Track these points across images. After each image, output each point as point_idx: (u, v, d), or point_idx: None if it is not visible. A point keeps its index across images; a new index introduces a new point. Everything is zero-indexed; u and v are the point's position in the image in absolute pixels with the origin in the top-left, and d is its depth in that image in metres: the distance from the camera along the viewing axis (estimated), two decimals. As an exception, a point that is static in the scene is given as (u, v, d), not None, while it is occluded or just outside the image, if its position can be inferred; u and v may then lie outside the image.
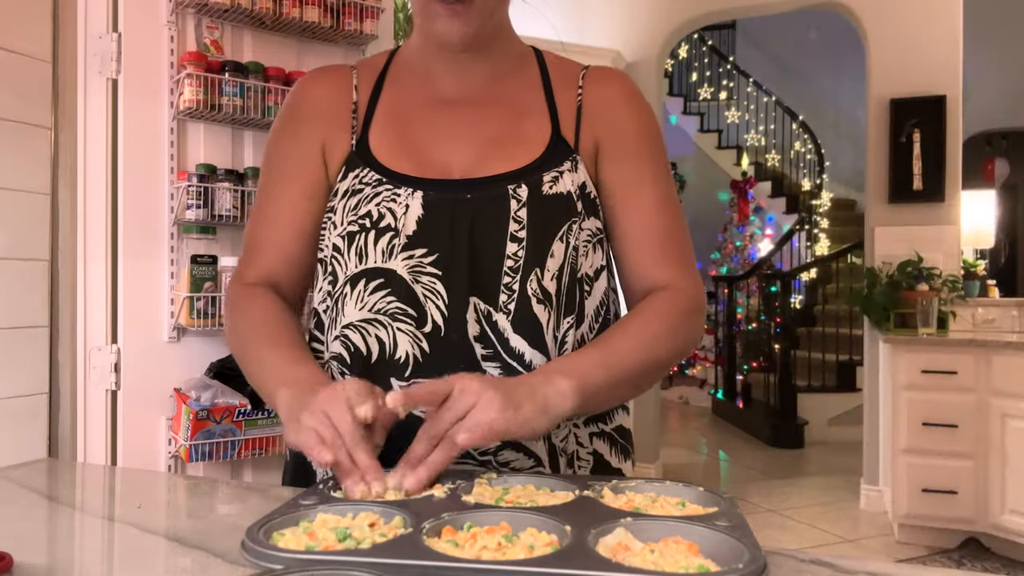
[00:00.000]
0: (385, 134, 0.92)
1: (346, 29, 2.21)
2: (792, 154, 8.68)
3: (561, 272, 0.86)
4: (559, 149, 0.91)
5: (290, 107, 0.97)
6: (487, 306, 0.84)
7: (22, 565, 0.56)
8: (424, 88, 0.94)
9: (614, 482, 0.68)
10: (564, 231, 0.87)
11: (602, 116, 0.93)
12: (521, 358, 0.84)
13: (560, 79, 0.96)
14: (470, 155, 0.89)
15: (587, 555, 0.51)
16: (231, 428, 1.94)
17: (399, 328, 0.84)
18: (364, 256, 0.86)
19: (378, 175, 0.88)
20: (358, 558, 0.51)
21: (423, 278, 0.84)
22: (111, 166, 1.96)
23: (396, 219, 0.86)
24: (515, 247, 0.85)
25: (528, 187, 0.87)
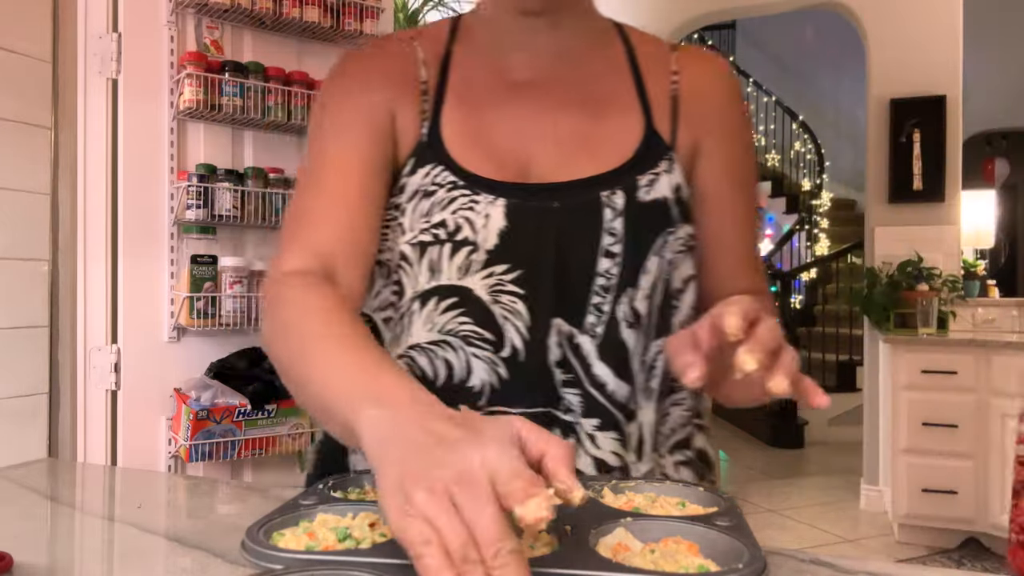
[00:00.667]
0: (457, 123, 0.80)
1: (346, 29, 2.21)
2: (792, 154, 8.68)
3: (654, 290, 0.77)
4: (653, 146, 0.79)
5: (347, 72, 0.84)
6: (570, 328, 0.75)
7: (22, 565, 0.56)
8: (494, 67, 0.83)
9: (614, 482, 0.68)
10: (659, 244, 0.77)
11: (705, 111, 0.83)
12: (603, 387, 0.75)
13: (649, 60, 0.84)
14: (553, 153, 0.79)
15: (587, 555, 0.51)
16: (231, 428, 1.94)
17: (474, 353, 0.75)
18: (437, 271, 0.76)
19: (453, 176, 0.77)
20: (358, 558, 0.51)
21: (503, 297, 0.75)
22: (111, 166, 1.96)
23: (475, 231, 0.75)
24: (608, 263, 0.75)
25: (624, 193, 0.76)
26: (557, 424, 0.75)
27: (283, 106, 2.10)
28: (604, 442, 0.76)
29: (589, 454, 0.75)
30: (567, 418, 0.75)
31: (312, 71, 2.22)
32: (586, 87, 0.82)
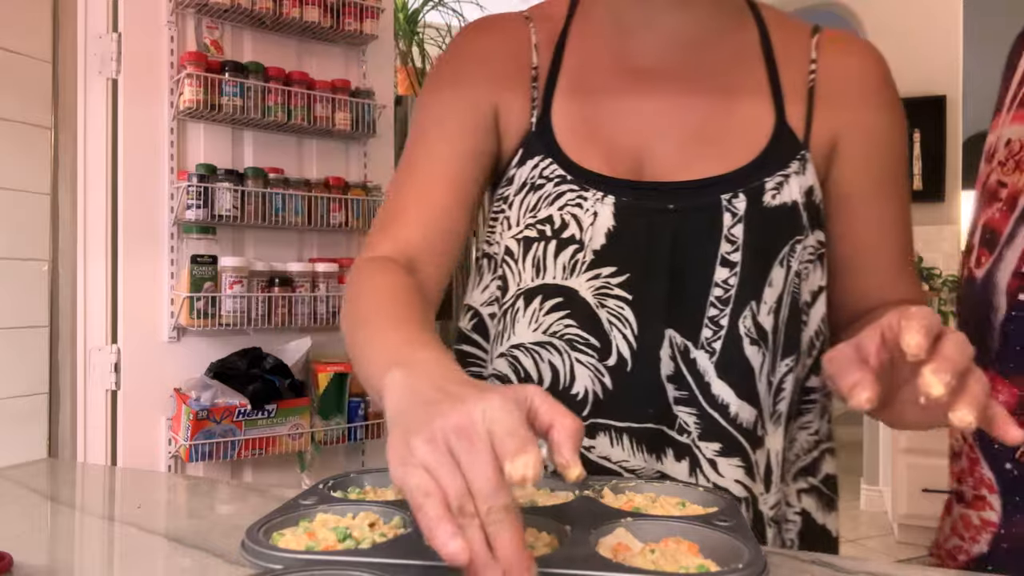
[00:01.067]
0: (569, 113, 0.75)
1: (346, 29, 2.21)
2: (792, 154, 8.67)
3: (779, 304, 0.71)
4: (784, 143, 0.73)
5: (455, 55, 0.81)
6: (684, 341, 0.70)
7: (22, 565, 0.56)
8: (615, 50, 0.77)
9: (614, 482, 0.68)
10: (785, 253, 0.71)
11: (846, 104, 0.75)
12: (725, 409, 0.70)
13: (785, 45, 0.77)
14: (672, 148, 0.73)
15: (587, 555, 0.51)
16: (231, 428, 1.94)
17: (578, 359, 0.71)
18: (542, 269, 0.73)
19: (562, 170, 0.73)
20: (358, 558, 0.51)
21: (609, 301, 0.71)
22: (111, 166, 1.96)
23: (582, 229, 0.71)
24: (726, 273, 0.70)
25: (747, 197, 0.70)
26: (670, 444, 0.71)
27: (283, 106, 2.10)
28: (727, 469, 0.70)
29: (711, 482, 0.71)
30: (682, 439, 0.71)
31: (312, 71, 2.22)
32: (713, 76, 0.76)
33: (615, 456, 0.71)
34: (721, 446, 0.70)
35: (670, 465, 0.71)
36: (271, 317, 2.04)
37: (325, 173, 2.26)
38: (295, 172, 2.21)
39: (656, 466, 0.71)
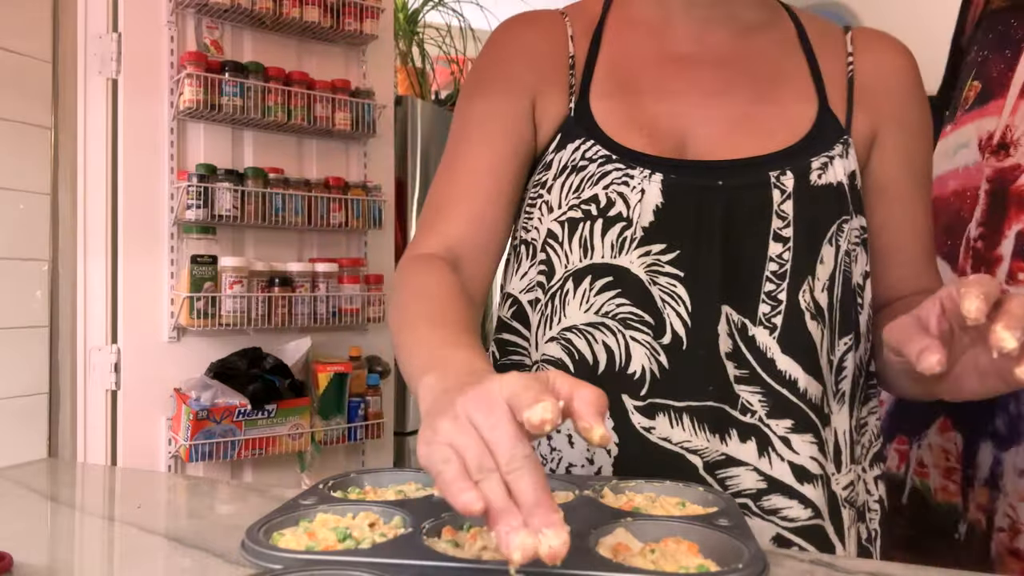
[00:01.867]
0: (609, 97, 0.75)
1: (346, 29, 2.21)
2: (792, 154, 8.67)
3: (833, 282, 0.71)
4: (828, 127, 0.74)
5: (494, 51, 0.81)
6: (741, 318, 0.70)
7: (22, 565, 0.56)
8: (655, 41, 0.78)
9: (614, 482, 0.68)
10: (833, 232, 0.71)
11: (884, 97, 0.76)
12: (793, 384, 0.69)
13: (821, 40, 0.79)
14: (716, 130, 0.73)
15: (587, 555, 0.51)
16: (231, 428, 1.94)
17: (632, 337, 0.70)
18: (589, 249, 0.72)
19: (605, 150, 0.72)
20: (358, 558, 0.51)
21: (661, 279, 0.70)
22: (111, 166, 1.96)
23: (629, 207, 0.71)
24: (780, 248, 0.70)
25: (794, 175, 0.71)
26: (734, 425, 0.70)
27: (283, 106, 2.10)
28: (802, 446, 0.70)
29: (786, 460, 0.69)
30: (745, 419, 0.70)
31: (312, 71, 2.22)
32: (756, 64, 0.77)
33: (676, 437, 0.70)
34: (793, 423, 0.70)
35: (735, 447, 0.70)
36: (271, 317, 2.04)
37: (325, 173, 2.26)
38: (295, 172, 2.21)
39: (720, 447, 0.70)
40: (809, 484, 0.69)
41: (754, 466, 0.69)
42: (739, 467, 0.70)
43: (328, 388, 2.13)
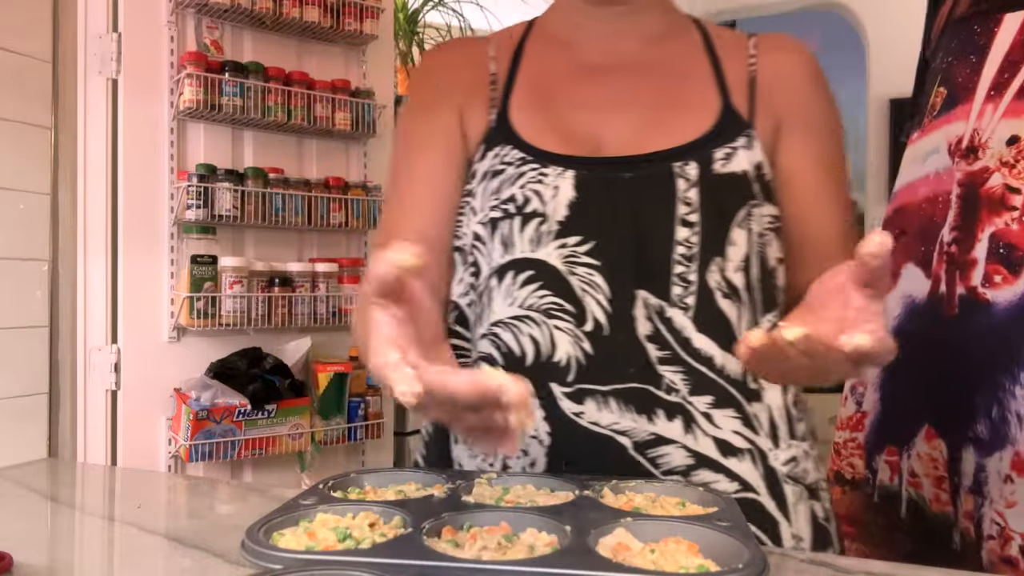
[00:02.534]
0: (527, 107, 0.81)
1: (346, 29, 2.21)
2: (792, 154, 8.68)
3: (748, 263, 0.75)
4: (731, 122, 0.78)
5: (422, 77, 0.88)
6: (659, 300, 0.73)
7: (22, 565, 0.56)
8: (569, 55, 0.83)
9: (614, 482, 0.68)
10: (743, 216, 0.75)
11: (785, 92, 0.81)
12: (710, 361, 0.73)
13: (726, 45, 0.84)
14: (625, 129, 0.78)
15: (587, 555, 0.51)
16: (231, 428, 1.94)
17: (556, 326, 0.74)
18: (510, 245, 0.76)
19: (521, 153, 0.77)
20: (358, 558, 0.51)
21: (579, 269, 0.74)
22: (111, 166, 1.96)
23: (544, 203, 0.75)
24: (687, 232, 0.74)
25: (698, 165, 0.75)
26: (660, 404, 0.72)
27: (283, 106, 2.10)
28: (723, 421, 0.73)
29: (709, 435, 0.72)
30: (670, 398, 0.73)
31: (312, 71, 2.22)
32: (662, 69, 0.82)
33: (604, 420, 0.73)
34: (713, 398, 0.73)
35: (662, 425, 0.72)
36: (271, 317, 2.04)
37: (325, 173, 2.26)
38: (295, 172, 2.21)
39: (648, 427, 0.72)
40: (734, 458, 0.72)
41: (681, 443, 0.72)
42: (668, 445, 0.72)
43: (328, 388, 2.12)
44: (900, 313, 0.88)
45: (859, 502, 0.90)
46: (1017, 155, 0.77)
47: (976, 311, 0.78)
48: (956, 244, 0.81)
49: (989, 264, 0.77)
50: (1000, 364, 0.76)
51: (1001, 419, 0.76)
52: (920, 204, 0.88)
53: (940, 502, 0.82)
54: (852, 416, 0.93)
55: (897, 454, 0.87)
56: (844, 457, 0.93)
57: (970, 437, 0.79)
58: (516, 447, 0.50)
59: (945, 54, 0.89)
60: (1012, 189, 0.76)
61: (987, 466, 0.77)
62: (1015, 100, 0.78)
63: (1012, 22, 0.80)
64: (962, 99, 0.83)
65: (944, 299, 0.82)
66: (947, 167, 0.84)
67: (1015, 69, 0.78)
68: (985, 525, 0.76)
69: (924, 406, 0.84)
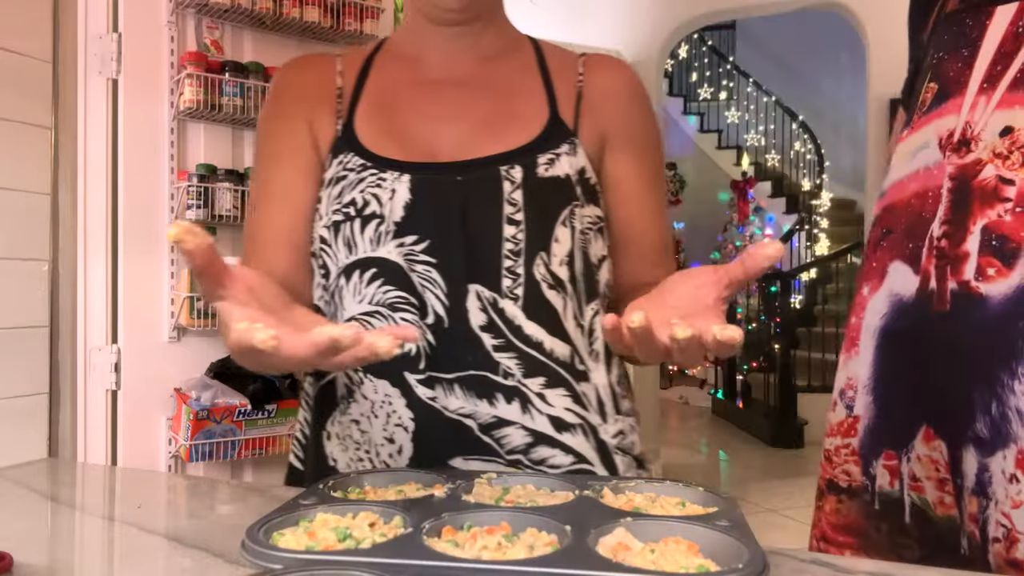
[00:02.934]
0: (370, 118, 0.87)
1: (346, 29, 2.21)
2: (792, 154, 8.69)
3: (572, 258, 0.82)
4: (557, 131, 0.85)
5: (274, 93, 0.92)
6: (491, 293, 0.79)
7: (22, 565, 0.56)
8: (411, 71, 0.90)
9: (614, 482, 0.68)
10: (566, 215, 0.82)
11: (610, 108, 0.89)
12: (540, 346, 0.79)
13: (557, 63, 0.92)
14: (458, 137, 0.85)
15: (587, 555, 0.51)
16: (231, 428, 1.94)
17: (403, 318, 0.79)
18: (353, 246, 0.81)
19: (362, 160, 0.83)
20: (358, 558, 0.51)
21: (418, 266, 0.80)
22: (111, 166, 1.96)
23: (382, 205, 0.81)
24: (513, 230, 0.80)
25: (522, 168, 0.82)
26: (498, 389, 0.79)
27: (283, 106, 2.09)
28: (555, 399, 0.79)
29: (544, 413, 0.79)
30: (508, 383, 0.79)
31: (312, 71, 2.22)
32: (495, 83, 0.89)
33: (452, 405, 0.79)
34: (545, 380, 0.79)
35: (502, 408, 0.79)
36: (271, 317, 2.04)
37: (325, 173, 2.26)
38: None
39: (490, 410, 0.79)
40: (568, 433, 0.79)
41: (520, 423, 0.78)
42: (508, 426, 0.79)
43: (328, 388, 2.12)
44: (888, 312, 0.86)
45: (858, 511, 0.87)
46: (1011, 146, 0.75)
47: (969, 306, 0.76)
48: (946, 238, 0.79)
49: (982, 257, 0.76)
50: (997, 359, 0.74)
51: (1002, 416, 0.74)
52: (908, 200, 0.85)
53: (945, 505, 0.80)
54: (843, 421, 0.89)
55: (896, 458, 0.84)
56: (837, 465, 0.89)
57: (970, 436, 0.77)
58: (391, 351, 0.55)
59: (936, 49, 0.87)
60: (1005, 180, 0.75)
61: (990, 466, 0.75)
62: (1008, 91, 0.77)
63: (1004, 14, 0.79)
64: (953, 93, 0.82)
65: (934, 295, 0.80)
66: (937, 161, 0.82)
67: (1008, 61, 0.77)
68: (991, 527, 0.74)
69: (920, 406, 0.82)
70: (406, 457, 0.80)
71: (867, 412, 0.87)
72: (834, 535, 0.89)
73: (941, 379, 0.80)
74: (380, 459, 0.81)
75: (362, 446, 0.82)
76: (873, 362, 0.87)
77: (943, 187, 0.81)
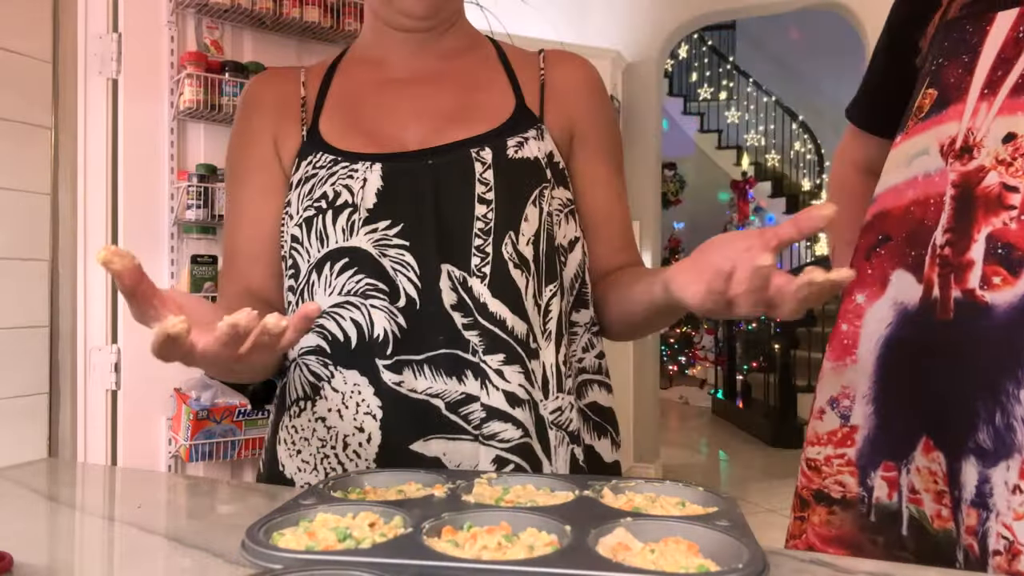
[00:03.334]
0: (335, 119, 0.89)
1: (346, 29, 2.21)
2: (792, 154, 8.69)
3: (538, 238, 0.84)
4: (524, 118, 0.88)
5: (239, 111, 0.94)
6: (461, 272, 0.81)
7: (22, 565, 0.56)
8: (374, 72, 0.92)
9: (614, 482, 0.68)
10: (536, 196, 0.84)
11: (573, 99, 0.92)
12: (503, 324, 0.81)
13: (518, 58, 0.95)
14: (426, 128, 0.86)
15: (587, 555, 0.51)
16: (231, 428, 1.94)
17: (373, 306, 0.81)
18: (325, 238, 0.82)
19: (332, 156, 0.85)
20: (358, 558, 0.51)
21: (390, 251, 0.81)
22: (111, 166, 1.96)
23: (354, 195, 0.82)
24: (484, 209, 0.82)
25: (492, 150, 0.84)
26: (466, 366, 0.80)
27: (283, 106, 2.09)
28: (511, 375, 0.81)
29: (500, 389, 0.80)
30: (473, 359, 0.80)
31: (312, 71, 2.22)
32: (460, 77, 0.91)
33: (420, 386, 0.80)
34: (504, 356, 0.81)
35: (470, 384, 0.80)
36: (271, 317, 2.04)
37: (325, 173, 2.26)
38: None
39: (458, 388, 0.80)
40: (519, 408, 0.81)
41: (479, 399, 0.80)
42: (474, 403, 0.80)
43: (328, 388, 2.12)
44: (892, 321, 0.84)
45: (852, 522, 0.86)
46: (1014, 152, 0.75)
47: (974, 315, 0.75)
48: (950, 246, 0.78)
49: (987, 265, 0.75)
50: (1003, 368, 0.73)
51: (1006, 426, 0.73)
52: (908, 207, 0.84)
53: (941, 518, 0.78)
54: (836, 431, 0.88)
55: (895, 469, 0.83)
56: (828, 475, 0.88)
57: (971, 447, 0.75)
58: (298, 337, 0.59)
59: (935, 56, 0.86)
60: (1010, 187, 0.74)
61: (992, 477, 0.73)
62: (1010, 97, 0.76)
63: (1005, 20, 0.79)
64: (954, 99, 0.81)
65: (938, 304, 0.79)
66: (938, 169, 0.81)
67: (1009, 66, 0.77)
68: (991, 540, 0.73)
69: (921, 416, 0.80)
70: (375, 445, 0.81)
71: (867, 422, 0.86)
72: (824, 547, 0.87)
73: (943, 389, 0.78)
74: (348, 451, 0.82)
75: (328, 442, 0.83)
76: (874, 371, 0.86)
77: (945, 195, 0.80)
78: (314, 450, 0.84)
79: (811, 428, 0.92)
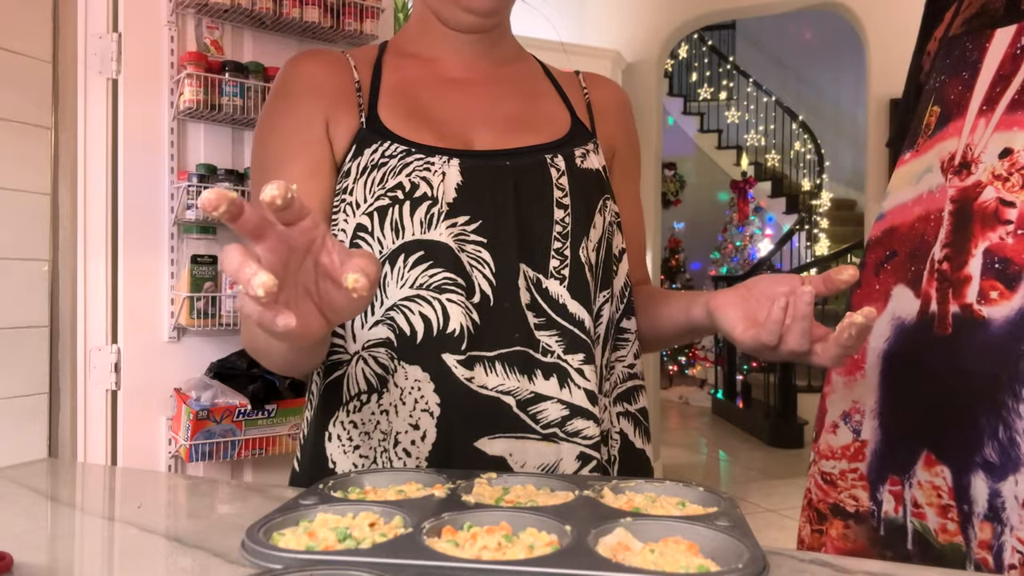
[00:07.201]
0: (396, 111, 0.86)
1: (346, 29, 2.21)
2: (792, 154, 8.69)
3: (600, 246, 0.87)
4: (581, 131, 0.91)
5: (284, 85, 0.89)
6: (536, 273, 0.82)
7: (22, 565, 0.56)
8: (432, 70, 0.91)
9: (614, 482, 0.68)
10: (601, 205, 0.88)
11: (614, 121, 0.97)
12: (581, 324, 0.83)
13: (560, 76, 0.98)
14: (496, 129, 0.87)
15: (587, 555, 0.51)
16: (231, 428, 1.94)
17: (449, 299, 0.80)
18: (400, 230, 0.81)
19: (404, 146, 0.83)
20: (358, 558, 0.51)
21: (468, 246, 0.81)
22: (111, 166, 1.96)
23: (433, 187, 0.81)
24: (562, 213, 0.84)
25: (564, 158, 0.86)
26: (537, 366, 0.81)
27: (283, 106, 2.09)
28: (591, 375, 0.82)
29: (582, 388, 0.82)
30: (547, 360, 0.81)
31: (312, 71, 2.22)
32: (516, 84, 0.93)
33: (491, 383, 0.80)
34: (584, 356, 0.82)
35: (540, 384, 0.81)
36: (271, 317, 2.04)
37: (325, 173, 2.26)
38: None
39: (528, 386, 0.81)
40: (596, 406, 0.83)
41: (557, 398, 0.81)
42: (546, 401, 0.81)
43: (328, 388, 2.12)
44: (890, 336, 0.85)
45: (865, 537, 0.86)
46: (1010, 168, 0.75)
47: (972, 329, 0.76)
48: (948, 261, 0.79)
49: (984, 280, 0.75)
50: (1002, 383, 0.73)
51: (1010, 440, 0.73)
52: (913, 224, 0.85)
53: (947, 532, 0.78)
54: (849, 445, 0.88)
55: (900, 483, 0.83)
56: (843, 489, 0.88)
57: (978, 462, 0.75)
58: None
59: (939, 73, 0.87)
60: (1006, 203, 0.75)
61: (1002, 491, 0.73)
62: (1006, 113, 0.76)
63: (1003, 36, 0.79)
64: (955, 116, 0.82)
65: (936, 318, 0.79)
66: (940, 185, 0.81)
67: (1006, 82, 0.77)
68: (1006, 554, 0.73)
69: (921, 431, 0.81)
70: (428, 444, 0.80)
71: (873, 436, 0.86)
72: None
73: (942, 403, 0.79)
74: (399, 448, 0.80)
75: (389, 436, 0.81)
76: (879, 386, 0.86)
77: (944, 210, 0.80)
78: (375, 443, 0.82)
79: (824, 441, 0.92)
